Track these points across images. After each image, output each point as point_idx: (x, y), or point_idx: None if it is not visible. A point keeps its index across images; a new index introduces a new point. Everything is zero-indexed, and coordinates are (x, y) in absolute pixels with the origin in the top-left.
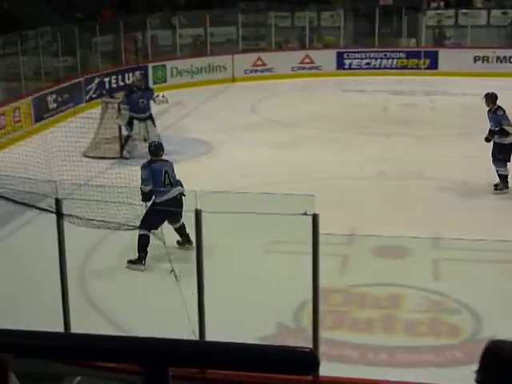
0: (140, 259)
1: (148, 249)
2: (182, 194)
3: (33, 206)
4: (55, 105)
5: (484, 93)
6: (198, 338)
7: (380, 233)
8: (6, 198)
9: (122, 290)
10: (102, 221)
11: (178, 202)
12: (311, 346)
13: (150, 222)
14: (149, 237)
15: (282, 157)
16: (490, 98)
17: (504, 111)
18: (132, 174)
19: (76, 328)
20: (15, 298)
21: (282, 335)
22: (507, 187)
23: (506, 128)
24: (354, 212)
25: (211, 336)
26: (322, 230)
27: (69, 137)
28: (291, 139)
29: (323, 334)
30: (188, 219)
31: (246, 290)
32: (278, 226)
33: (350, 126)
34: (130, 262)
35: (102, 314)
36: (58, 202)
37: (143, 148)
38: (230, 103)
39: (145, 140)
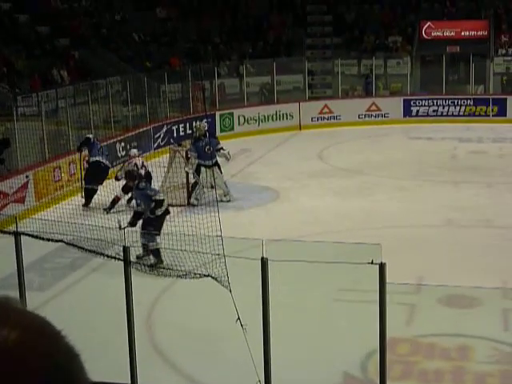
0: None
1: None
2: None
3: (100, 254)
4: (124, 153)
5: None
6: None
7: (448, 282)
8: (74, 246)
9: (189, 338)
10: (169, 268)
11: None
12: None
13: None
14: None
15: (349, 204)
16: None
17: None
18: (199, 222)
19: (143, 378)
20: (81, 347)
21: None
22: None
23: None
24: (421, 261)
25: None
26: (388, 278)
27: None
28: (358, 187)
29: None
30: (254, 267)
31: (313, 339)
32: (345, 275)
33: (418, 174)
34: None
35: (170, 363)
36: (125, 249)
37: (210, 195)
38: (297, 151)
39: (212, 187)
